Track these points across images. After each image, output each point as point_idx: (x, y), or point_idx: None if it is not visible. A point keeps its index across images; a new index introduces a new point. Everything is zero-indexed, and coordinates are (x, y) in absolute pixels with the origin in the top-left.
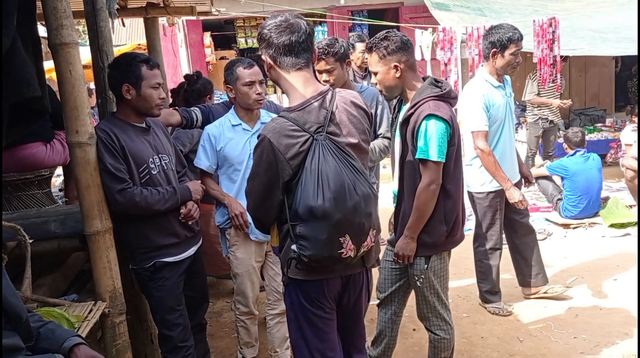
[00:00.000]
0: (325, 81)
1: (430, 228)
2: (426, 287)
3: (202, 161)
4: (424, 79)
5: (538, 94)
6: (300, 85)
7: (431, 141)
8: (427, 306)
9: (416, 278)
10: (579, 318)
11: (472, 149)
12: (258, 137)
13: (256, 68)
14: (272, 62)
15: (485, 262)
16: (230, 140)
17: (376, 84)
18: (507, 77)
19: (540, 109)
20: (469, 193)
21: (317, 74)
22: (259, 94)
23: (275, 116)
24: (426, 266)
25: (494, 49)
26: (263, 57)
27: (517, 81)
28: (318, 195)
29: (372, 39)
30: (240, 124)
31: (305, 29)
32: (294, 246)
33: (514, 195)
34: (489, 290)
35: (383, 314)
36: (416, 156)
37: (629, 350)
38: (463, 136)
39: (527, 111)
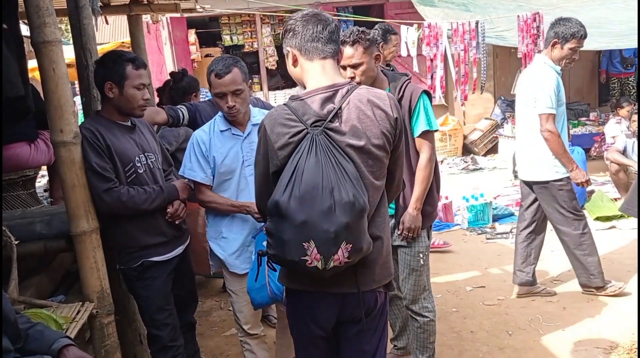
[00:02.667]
0: (351, 78)
1: (430, 198)
2: (426, 265)
3: (196, 172)
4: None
5: None
6: (319, 74)
7: (429, 113)
8: (419, 288)
9: (420, 256)
10: (566, 311)
11: (528, 136)
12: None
13: (230, 76)
14: (297, 53)
15: (587, 243)
16: (220, 147)
17: (353, 77)
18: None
19: None
20: (538, 183)
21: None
22: (229, 107)
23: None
24: (429, 240)
25: (555, 40)
26: (287, 50)
27: (502, 76)
28: (286, 191)
29: (347, 33)
30: (229, 129)
31: (332, 20)
32: (265, 243)
33: (579, 176)
34: (599, 273)
35: (397, 307)
36: (422, 129)
37: (617, 341)
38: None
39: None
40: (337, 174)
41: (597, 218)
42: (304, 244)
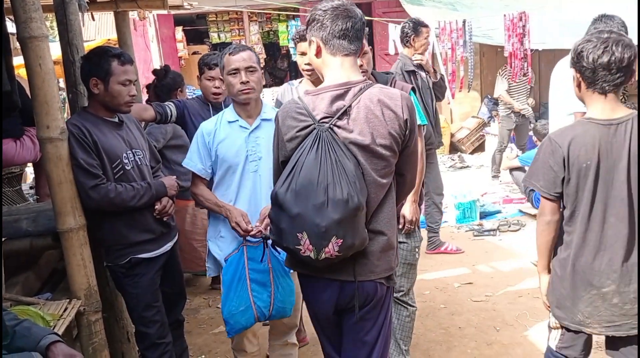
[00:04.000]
0: (308, 64)
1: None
2: (417, 259)
3: (194, 162)
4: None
5: (508, 90)
6: (337, 70)
7: (418, 108)
8: (412, 281)
9: (416, 251)
10: None
11: None
12: None
13: (244, 53)
14: (322, 45)
15: None
16: (226, 138)
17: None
18: None
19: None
20: None
21: (298, 55)
22: (243, 82)
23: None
24: (421, 234)
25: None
26: (312, 40)
27: (489, 74)
28: (284, 183)
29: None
30: (237, 120)
31: (361, 16)
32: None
33: None
34: None
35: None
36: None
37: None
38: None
39: (499, 105)
40: (335, 171)
41: None
42: (297, 234)
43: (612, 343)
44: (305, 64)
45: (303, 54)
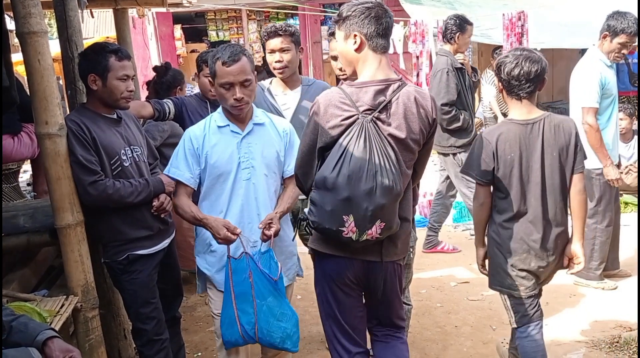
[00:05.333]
0: (279, 61)
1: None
2: (412, 258)
3: (181, 171)
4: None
5: (497, 96)
6: (375, 67)
7: None
8: (405, 279)
9: (411, 250)
10: (549, 305)
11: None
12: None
13: (239, 64)
14: (365, 41)
15: (603, 239)
16: (216, 145)
17: (341, 68)
18: None
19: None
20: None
21: (268, 53)
22: (237, 99)
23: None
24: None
25: (606, 32)
26: (353, 34)
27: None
28: (335, 169)
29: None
30: (228, 125)
31: (392, 16)
32: (306, 209)
33: (610, 173)
34: (599, 267)
35: None
36: None
37: (598, 335)
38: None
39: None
40: (381, 160)
41: None
42: (344, 217)
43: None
44: (277, 62)
45: (273, 51)
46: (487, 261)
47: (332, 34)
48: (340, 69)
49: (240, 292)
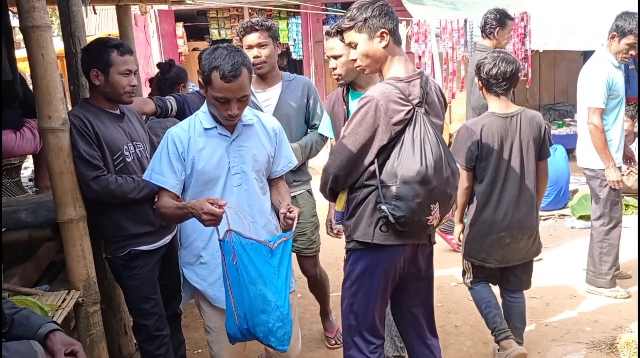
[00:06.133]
0: (256, 57)
1: None
2: None
3: (166, 178)
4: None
5: None
6: (404, 62)
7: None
8: None
9: None
10: (549, 306)
11: (583, 125)
12: (364, 98)
13: (239, 80)
14: (391, 39)
15: (611, 242)
16: (203, 148)
17: (335, 68)
18: None
19: None
20: (589, 171)
21: (245, 50)
22: (231, 115)
23: (255, 113)
24: None
25: (615, 33)
26: (382, 30)
27: None
28: (421, 161)
29: (333, 26)
30: (216, 127)
31: None
32: (384, 207)
33: (612, 175)
34: (608, 272)
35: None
36: None
37: (598, 336)
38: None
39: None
40: (444, 147)
41: (581, 217)
42: (431, 206)
43: (504, 274)
44: (254, 58)
45: (250, 47)
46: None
47: (328, 33)
48: (334, 69)
49: (233, 278)
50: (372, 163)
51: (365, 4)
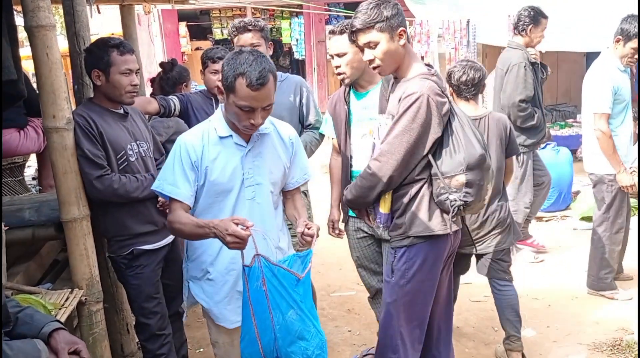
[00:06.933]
0: (336, 66)
1: None
2: None
3: (180, 189)
4: None
5: None
6: (418, 58)
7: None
8: None
9: None
10: (551, 308)
11: (589, 130)
12: (410, 95)
13: (267, 89)
14: (406, 34)
15: (612, 247)
16: (217, 158)
17: (339, 66)
18: None
19: None
20: (594, 175)
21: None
22: (254, 124)
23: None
24: None
25: (619, 37)
26: (401, 29)
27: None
28: (479, 145)
29: (337, 25)
30: (231, 136)
31: None
32: (453, 196)
33: (624, 179)
34: (607, 276)
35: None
36: None
37: (600, 338)
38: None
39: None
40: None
41: (583, 218)
42: (487, 186)
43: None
44: None
45: (243, 47)
46: None
47: (332, 32)
48: (337, 67)
49: (258, 304)
50: (423, 157)
51: (381, 3)
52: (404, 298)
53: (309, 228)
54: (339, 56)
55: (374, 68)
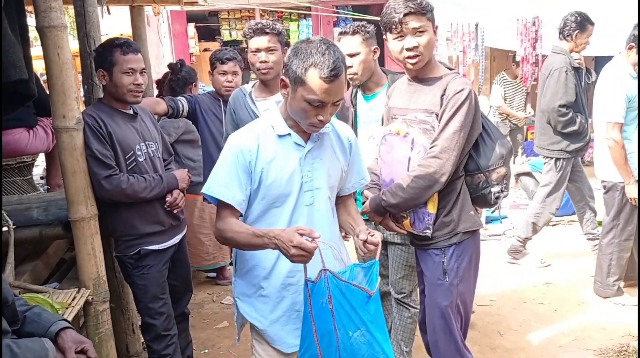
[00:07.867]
0: (264, 62)
1: None
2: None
3: (233, 192)
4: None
5: (504, 95)
6: None
7: None
8: (411, 283)
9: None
10: (557, 312)
11: (601, 137)
12: (461, 91)
13: (339, 81)
14: None
15: (621, 254)
16: (274, 159)
17: (351, 67)
18: None
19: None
20: (608, 183)
21: (251, 53)
22: (321, 121)
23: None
24: None
25: (632, 44)
26: (435, 23)
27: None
28: (507, 139)
29: (349, 26)
30: (290, 134)
31: None
32: (495, 189)
33: (632, 191)
34: (614, 282)
35: (390, 303)
36: None
37: (606, 343)
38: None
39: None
40: None
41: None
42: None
43: None
44: (261, 63)
45: (258, 50)
46: None
47: (343, 33)
48: (349, 67)
49: (322, 322)
50: (467, 152)
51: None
52: (459, 297)
53: (372, 236)
54: (351, 56)
55: (414, 57)
